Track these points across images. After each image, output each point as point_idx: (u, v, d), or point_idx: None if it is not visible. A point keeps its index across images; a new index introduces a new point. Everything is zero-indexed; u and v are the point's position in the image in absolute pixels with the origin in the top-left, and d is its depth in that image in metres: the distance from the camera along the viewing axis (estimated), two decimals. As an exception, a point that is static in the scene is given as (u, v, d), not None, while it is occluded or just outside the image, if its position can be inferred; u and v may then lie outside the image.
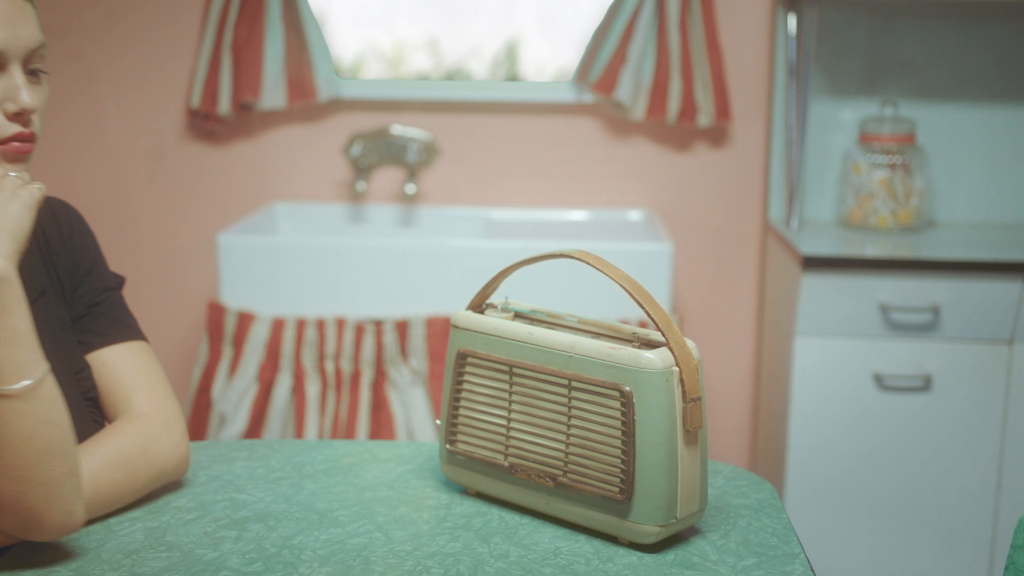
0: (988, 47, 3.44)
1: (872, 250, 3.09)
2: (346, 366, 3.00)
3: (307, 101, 3.46)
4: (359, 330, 2.99)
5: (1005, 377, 2.95)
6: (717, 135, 3.58)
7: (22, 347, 1.35)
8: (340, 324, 2.99)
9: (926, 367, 2.99)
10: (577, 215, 3.56)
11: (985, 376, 2.97)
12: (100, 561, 1.37)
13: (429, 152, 3.53)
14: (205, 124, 3.50)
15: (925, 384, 2.99)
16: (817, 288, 2.97)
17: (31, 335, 1.35)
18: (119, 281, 1.67)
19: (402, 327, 3.00)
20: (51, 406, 1.36)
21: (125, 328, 1.61)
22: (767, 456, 3.34)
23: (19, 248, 1.34)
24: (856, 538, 3.04)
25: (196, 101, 3.43)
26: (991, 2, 3.24)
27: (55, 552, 1.39)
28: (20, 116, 1.42)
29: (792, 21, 3.31)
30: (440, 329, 2.99)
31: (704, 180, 3.60)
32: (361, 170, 3.50)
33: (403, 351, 3.00)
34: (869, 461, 3.01)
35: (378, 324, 3.00)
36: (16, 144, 1.41)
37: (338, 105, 3.57)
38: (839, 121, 3.47)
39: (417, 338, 2.99)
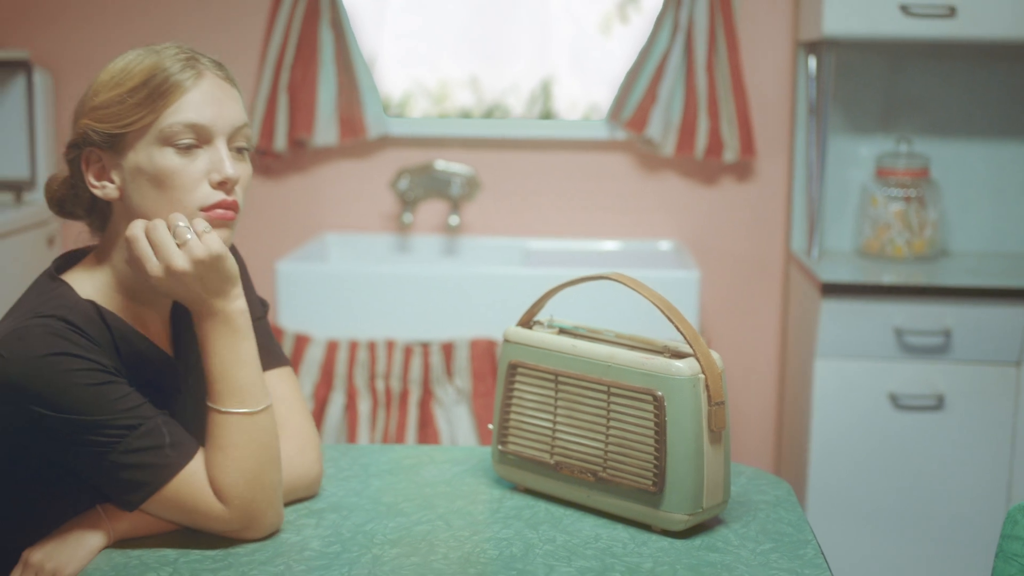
0: (997, 87, 3.57)
1: (887, 277, 3.22)
2: (395, 385, 3.17)
3: (357, 138, 3.65)
4: (407, 351, 3.17)
5: (1013, 397, 3.09)
6: (742, 170, 3.73)
7: (256, 370, 1.58)
8: (390, 346, 3.17)
9: (938, 387, 3.12)
10: (610, 245, 3.72)
11: (994, 396, 3.10)
12: (200, 542, 1.56)
13: (471, 186, 3.71)
14: (262, 159, 3.69)
15: (937, 403, 3.13)
16: (836, 313, 3.12)
17: (258, 359, 1.59)
18: (265, 308, 1.84)
19: (447, 348, 3.17)
20: (274, 420, 1.60)
21: (273, 355, 1.77)
22: (790, 468, 3.47)
23: (239, 285, 1.57)
24: (872, 546, 3.17)
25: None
26: (999, 45, 3.38)
27: (163, 536, 1.58)
28: (223, 186, 1.57)
29: (812, 63, 3.47)
30: (483, 351, 3.16)
31: (730, 212, 3.75)
32: (407, 203, 3.68)
33: (448, 371, 3.17)
34: (885, 475, 3.14)
35: (425, 346, 3.18)
36: (220, 211, 1.57)
37: (386, 142, 3.75)
38: (857, 157, 3.61)
39: (462, 359, 3.16)
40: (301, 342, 3.17)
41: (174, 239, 1.52)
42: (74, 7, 3.75)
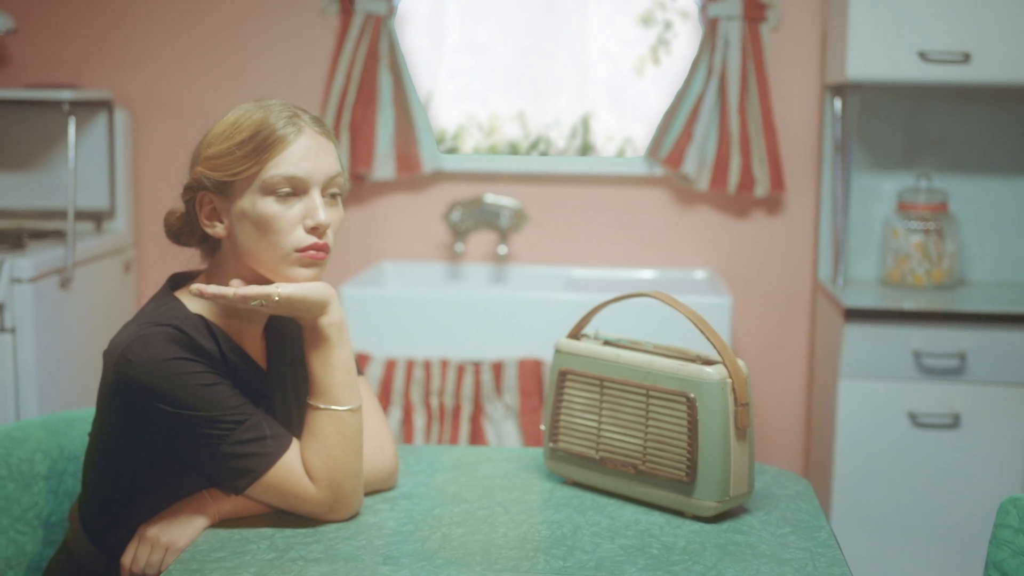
0: (1012, 127, 3.72)
1: (906, 304, 3.37)
2: (448, 401, 3.38)
3: (413, 173, 3.84)
4: (460, 370, 3.37)
5: None
6: (772, 204, 3.89)
7: (347, 374, 1.81)
8: (444, 364, 3.37)
9: (954, 407, 3.27)
10: (647, 274, 3.89)
11: (1008, 415, 3.25)
12: (292, 522, 1.77)
13: (518, 218, 3.90)
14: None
15: (954, 422, 3.28)
16: (858, 337, 3.29)
17: (352, 366, 1.82)
18: None
19: (497, 368, 3.37)
20: (361, 420, 1.82)
21: None
22: (816, 479, 3.60)
23: (330, 305, 1.80)
24: (892, 553, 3.31)
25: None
26: (1014, 88, 3.51)
27: (259, 517, 1.80)
28: (316, 230, 1.77)
29: (838, 104, 3.64)
30: (530, 370, 3.36)
31: (761, 243, 3.90)
32: (459, 233, 3.88)
33: (498, 388, 3.38)
34: (904, 488, 3.29)
35: (476, 365, 3.38)
36: (312, 252, 1.77)
37: (439, 176, 3.94)
38: (880, 192, 3.76)
39: (510, 377, 3.36)
40: (361, 360, 3.39)
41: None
42: (152, 51, 3.97)
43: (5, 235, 3.53)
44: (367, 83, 3.79)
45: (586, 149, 4.08)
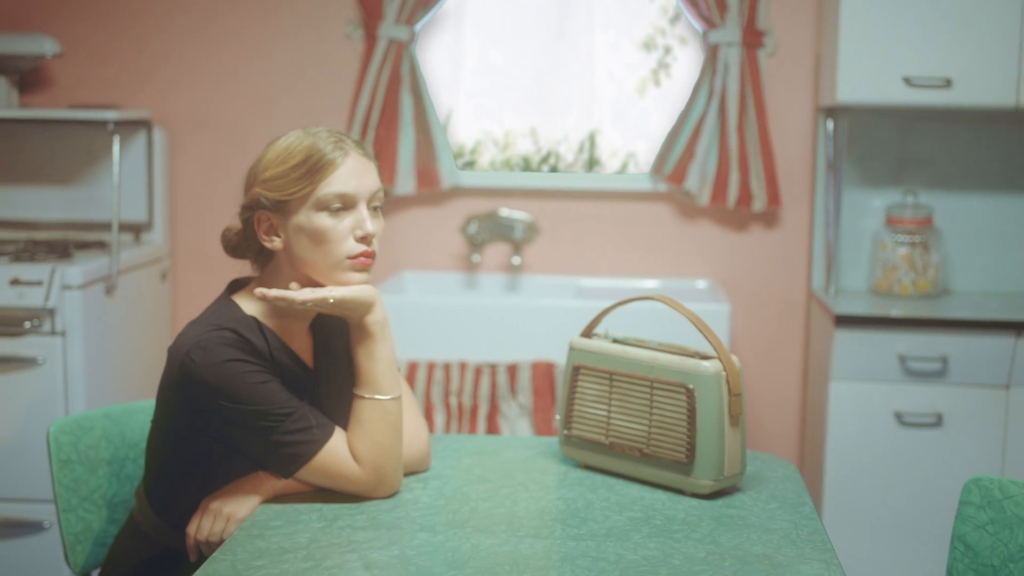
0: (992, 147, 3.88)
1: (893, 311, 3.53)
2: (466, 401, 3.58)
3: (432, 188, 4.03)
4: (477, 372, 3.58)
5: (1003, 415, 3.42)
6: (769, 218, 4.05)
7: (388, 367, 2.01)
8: (462, 367, 3.58)
9: (937, 407, 3.45)
10: (651, 283, 4.04)
11: (987, 414, 3.43)
12: (338, 497, 1.99)
13: (531, 231, 4.07)
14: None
15: (937, 421, 3.46)
16: (848, 342, 3.47)
17: (394, 360, 2.02)
18: None
19: (512, 370, 3.58)
20: (401, 408, 2.03)
21: None
22: (809, 475, 3.78)
23: (374, 306, 2.00)
24: (879, 543, 3.49)
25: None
26: (992, 111, 3.65)
27: (309, 494, 2.01)
28: (364, 239, 1.99)
29: (830, 125, 3.79)
30: (542, 371, 3.56)
31: (758, 255, 4.06)
32: (475, 245, 4.07)
33: (512, 389, 3.58)
34: (891, 484, 3.47)
35: (492, 367, 3.59)
36: (362, 259, 1.99)
37: (457, 192, 4.11)
38: (869, 207, 3.92)
39: (524, 379, 3.57)
40: (385, 363, 3.59)
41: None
42: (188, 73, 4.15)
43: (53, 246, 3.75)
44: (389, 104, 3.97)
45: (592, 163, 4.24)
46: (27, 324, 3.39)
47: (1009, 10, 3.44)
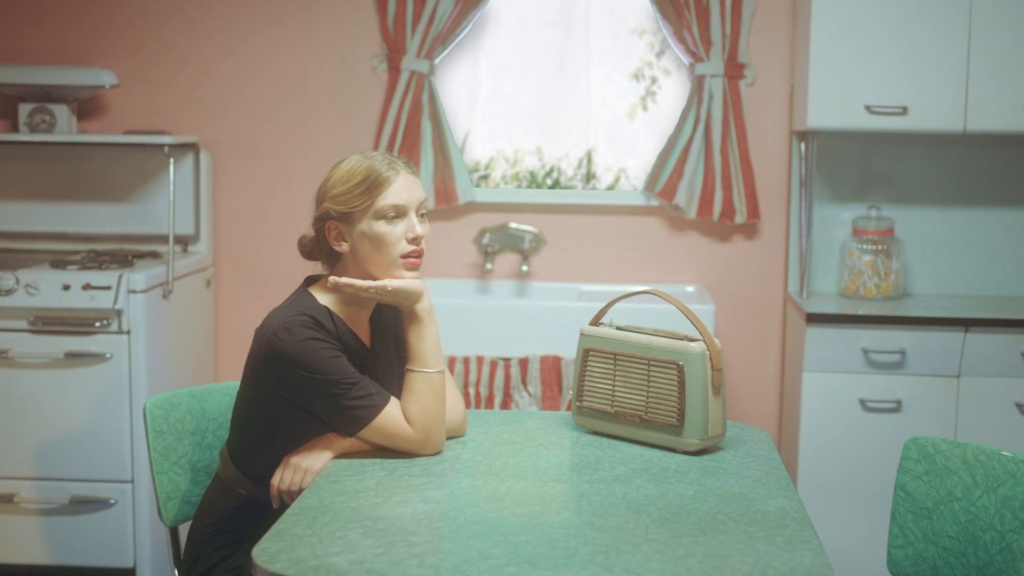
0: (946, 166, 4.23)
1: (858, 311, 3.90)
2: (483, 391, 3.97)
3: (449, 204, 4.37)
4: (493, 365, 3.97)
5: (955, 401, 3.79)
6: (749, 229, 4.38)
7: (434, 347, 2.40)
8: (479, 360, 3.97)
9: (897, 394, 3.81)
10: (645, 288, 4.40)
11: (940, 400, 3.79)
12: (394, 455, 2.39)
13: (538, 242, 4.42)
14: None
15: (897, 406, 3.81)
16: (818, 338, 3.83)
17: (438, 341, 2.40)
18: None
19: (523, 363, 3.97)
20: (444, 380, 2.41)
21: None
22: (786, 454, 4.11)
23: (423, 296, 2.39)
24: (846, 513, 3.83)
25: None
26: (945, 135, 4.00)
27: (370, 452, 2.41)
28: (415, 241, 2.39)
29: (802, 147, 4.15)
30: (550, 365, 3.95)
31: (740, 262, 4.39)
32: (488, 254, 4.43)
33: (524, 381, 3.97)
34: (856, 460, 3.83)
35: (506, 361, 3.97)
36: (413, 259, 2.40)
37: (471, 207, 4.45)
38: (838, 220, 4.27)
39: (534, 371, 3.96)
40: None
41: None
42: (230, 103, 4.49)
43: (115, 255, 4.15)
44: (411, 130, 4.33)
45: (590, 177, 4.56)
46: (97, 324, 3.79)
47: (957, 47, 3.82)
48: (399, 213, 2.38)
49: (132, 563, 3.89)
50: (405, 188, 2.40)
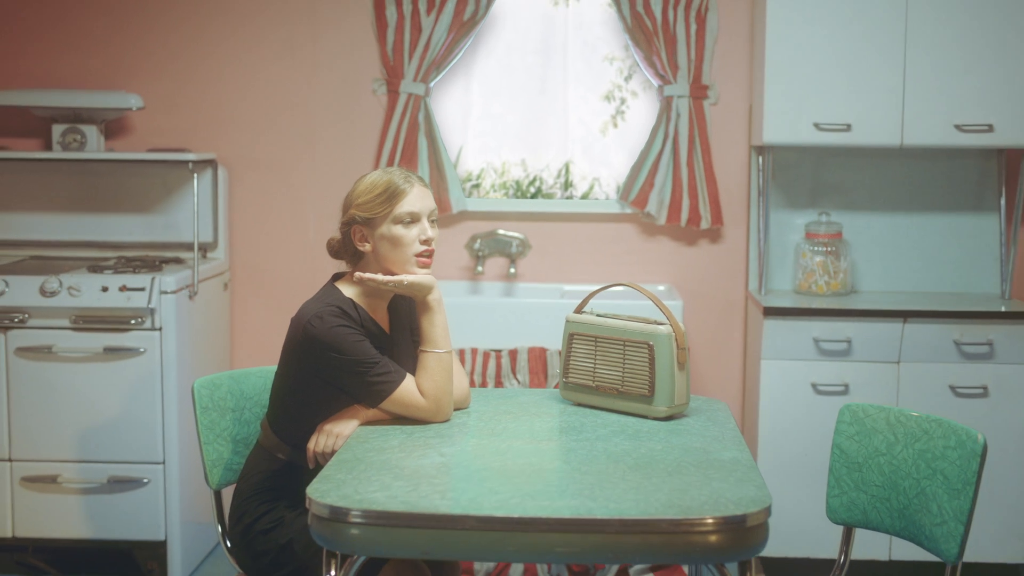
0: (887, 175, 4.58)
1: (809, 305, 4.25)
2: (476, 379, 4.33)
3: (444, 213, 4.68)
4: (485, 356, 4.34)
5: (895, 384, 4.16)
6: (713, 234, 4.72)
7: (443, 331, 2.78)
8: (473, 352, 4.34)
9: (844, 378, 4.17)
10: (620, 288, 4.78)
11: (882, 384, 4.15)
12: (412, 423, 2.79)
13: (524, 247, 4.73)
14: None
15: (845, 390, 4.17)
16: (774, 328, 4.19)
17: (447, 326, 2.78)
18: None
19: (512, 354, 4.35)
20: (452, 359, 2.77)
21: None
22: (748, 433, 4.43)
23: (433, 289, 2.77)
24: (799, 479, 4.16)
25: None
26: (885, 149, 4.33)
27: (391, 421, 2.81)
28: (427, 243, 2.78)
29: (760, 160, 4.50)
30: (537, 355, 4.33)
31: (705, 263, 4.72)
32: (479, 258, 4.76)
33: (513, 370, 4.35)
34: (809, 440, 4.17)
35: (497, 352, 4.35)
36: (424, 258, 2.78)
37: (464, 215, 4.77)
38: (792, 224, 4.61)
39: (522, 361, 4.34)
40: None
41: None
42: (244, 124, 4.80)
43: (145, 261, 4.52)
44: (409, 146, 4.67)
45: (567, 185, 4.87)
46: (132, 321, 4.17)
47: (894, 71, 4.21)
48: (414, 219, 2.79)
49: (163, 536, 4.26)
50: (419, 198, 2.80)
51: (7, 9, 4.87)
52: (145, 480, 4.22)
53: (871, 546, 4.17)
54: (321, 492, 2.22)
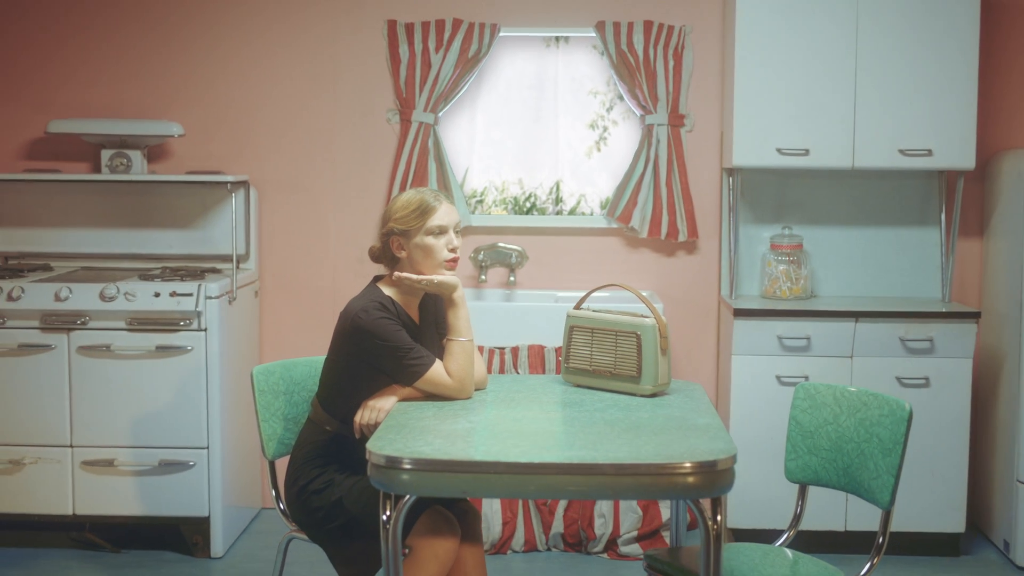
0: (842, 194, 5.02)
1: (774, 307, 4.68)
2: (483, 373, 4.83)
3: None
4: (490, 353, 4.81)
5: (849, 376, 4.61)
6: (690, 246, 5.14)
7: (466, 322, 3.24)
8: (479, 349, 4.83)
9: (805, 371, 4.63)
10: (607, 294, 4.99)
11: (837, 375, 4.60)
12: (442, 399, 3.30)
13: (522, 258, 5.16)
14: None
15: (805, 380, 4.52)
16: (743, 328, 4.64)
17: (468, 319, 3.24)
18: None
19: (514, 351, 4.82)
20: (474, 346, 3.24)
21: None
22: (721, 420, 4.94)
23: (457, 288, 3.24)
24: (765, 458, 4.57)
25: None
26: (839, 171, 4.79)
27: (424, 398, 3.31)
28: (453, 251, 3.26)
29: (730, 180, 4.93)
30: (536, 352, 4.79)
31: (683, 272, 5.13)
32: (482, 268, 5.18)
33: (515, 365, 4.84)
34: (774, 425, 4.58)
35: (500, 349, 4.82)
36: (451, 263, 3.25)
37: (468, 230, 5.18)
38: (759, 237, 5.04)
39: (523, 357, 4.82)
40: (425, 349, 4.82)
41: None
42: (273, 149, 5.19)
43: (189, 270, 4.99)
44: (419, 170, 5.11)
45: (558, 201, 5.27)
46: (182, 323, 4.64)
47: (846, 103, 4.68)
48: (442, 231, 3.29)
49: (207, 512, 4.71)
50: (447, 213, 3.31)
51: (58, 48, 5.29)
52: (191, 463, 4.66)
53: (828, 517, 4.63)
54: (379, 446, 2.72)
